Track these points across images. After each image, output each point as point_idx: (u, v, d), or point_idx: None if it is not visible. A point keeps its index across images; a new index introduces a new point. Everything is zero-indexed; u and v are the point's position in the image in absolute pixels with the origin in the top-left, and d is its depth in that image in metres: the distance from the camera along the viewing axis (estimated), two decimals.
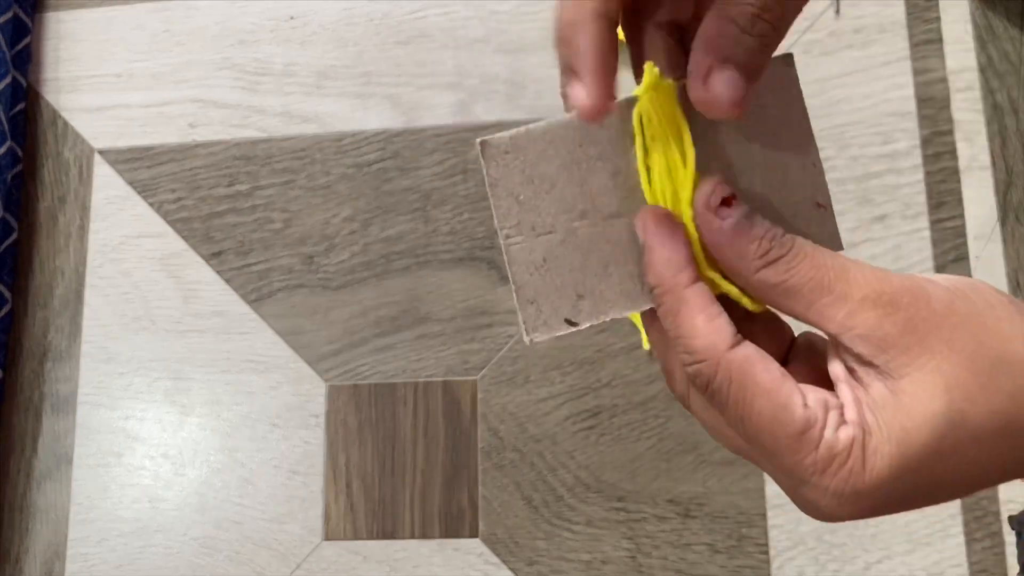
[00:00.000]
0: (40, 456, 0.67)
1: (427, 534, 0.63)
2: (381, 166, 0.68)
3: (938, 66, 0.64)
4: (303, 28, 0.71)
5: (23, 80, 0.73)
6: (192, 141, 0.71)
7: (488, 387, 0.64)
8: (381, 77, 0.70)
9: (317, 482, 0.64)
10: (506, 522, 0.62)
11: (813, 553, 0.59)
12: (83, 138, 0.72)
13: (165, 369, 0.67)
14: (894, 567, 0.58)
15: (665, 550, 0.60)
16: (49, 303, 0.69)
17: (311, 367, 0.66)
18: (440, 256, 0.66)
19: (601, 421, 0.63)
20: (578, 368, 0.63)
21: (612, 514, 0.61)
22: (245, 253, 0.68)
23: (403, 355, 0.65)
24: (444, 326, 0.65)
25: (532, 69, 0.68)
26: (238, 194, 0.69)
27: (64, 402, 0.68)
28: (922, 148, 0.63)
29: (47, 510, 0.66)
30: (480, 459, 0.63)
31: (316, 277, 0.67)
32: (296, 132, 0.70)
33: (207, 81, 0.71)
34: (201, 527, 0.65)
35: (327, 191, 0.68)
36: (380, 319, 0.66)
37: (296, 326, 0.67)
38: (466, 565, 0.62)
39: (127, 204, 0.70)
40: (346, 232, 0.68)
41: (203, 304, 0.68)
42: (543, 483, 0.62)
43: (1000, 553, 0.58)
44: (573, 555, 0.61)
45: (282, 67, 0.71)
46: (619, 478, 0.62)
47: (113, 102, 0.72)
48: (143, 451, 0.66)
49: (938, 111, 0.63)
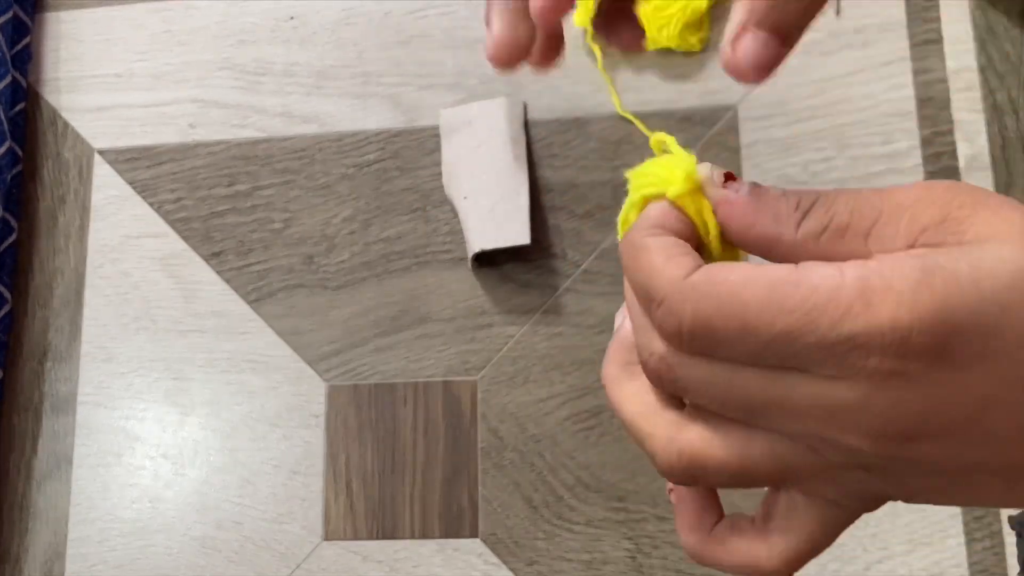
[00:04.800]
0: (40, 456, 0.67)
1: (427, 534, 0.63)
2: (381, 166, 0.68)
3: (938, 66, 0.64)
4: (303, 28, 0.71)
5: (23, 80, 0.73)
6: (192, 141, 0.71)
7: (488, 387, 0.64)
8: (381, 77, 0.70)
9: (317, 482, 0.64)
10: (506, 522, 0.62)
11: None
12: (83, 138, 0.72)
13: (165, 369, 0.67)
14: (894, 567, 0.58)
15: (665, 550, 0.60)
16: (49, 303, 0.69)
17: (311, 367, 0.66)
18: (440, 256, 0.66)
19: (601, 421, 0.63)
20: (578, 368, 0.63)
21: (612, 514, 0.61)
22: (245, 253, 0.68)
23: (403, 355, 0.65)
24: (444, 326, 0.65)
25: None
26: (238, 194, 0.69)
27: (64, 402, 0.68)
28: (922, 148, 0.63)
29: (47, 510, 0.66)
30: (480, 459, 0.63)
31: (316, 277, 0.67)
32: (296, 132, 0.70)
33: (207, 81, 0.71)
34: (201, 527, 0.65)
35: (327, 191, 0.68)
36: (380, 319, 0.66)
37: (296, 326, 0.67)
38: (466, 565, 0.62)
39: (127, 204, 0.70)
40: (346, 232, 0.68)
41: (203, 304, 0.68)
42: (543, 483, 0.62)
43: (1000, 553, 0.58)
44: (573, 555, 0.61)
45: (282, 67, 0.71)
46: (619, 478, 0.62)
47: (113, 102, 0.72)
48: (143, 451, 0.66)
49: (938, 111, 0.63)
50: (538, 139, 0.67)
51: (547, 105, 0.67)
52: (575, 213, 0.66)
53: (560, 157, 0.67)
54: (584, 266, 0.65)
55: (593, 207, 0.65)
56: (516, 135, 0.66)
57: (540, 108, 0.67)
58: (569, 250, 0.65)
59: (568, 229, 0.65)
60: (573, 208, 0.66)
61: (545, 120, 0.67)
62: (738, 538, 0.26)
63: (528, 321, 0.64)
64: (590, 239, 0.65)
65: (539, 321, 0.64)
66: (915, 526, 0.59)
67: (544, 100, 0.67)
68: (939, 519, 0.59)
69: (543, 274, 0.65)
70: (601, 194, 0.66)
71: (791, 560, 0.25)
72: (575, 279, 0.65)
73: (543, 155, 0.67)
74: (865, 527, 0.59)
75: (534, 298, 0.65)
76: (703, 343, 0.22)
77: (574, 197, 0.66)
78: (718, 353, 0.22)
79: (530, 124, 0.67)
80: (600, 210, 0.65)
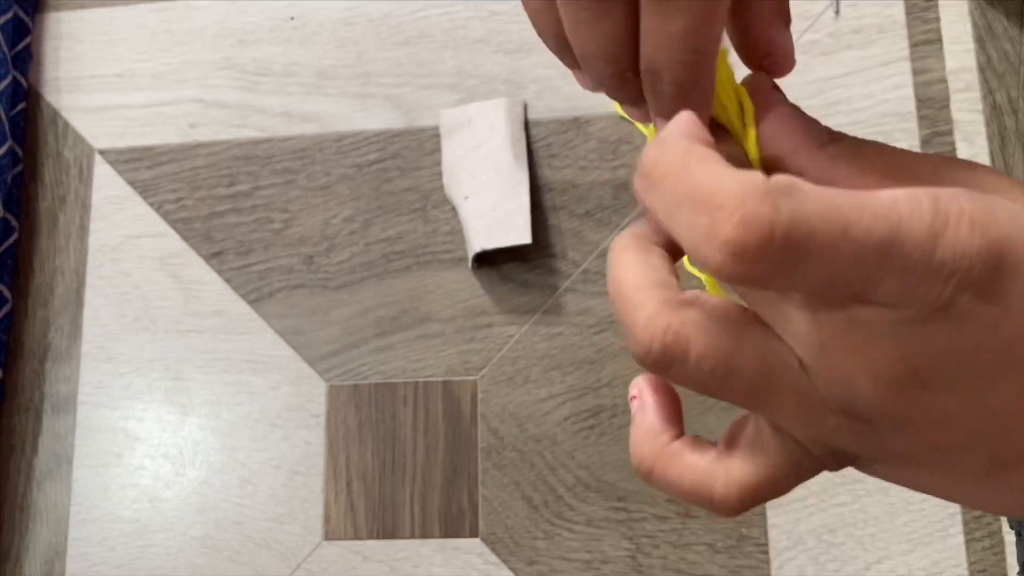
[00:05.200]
0: (40, 456, 0.67)
1: (427, 534, 0.63)
2: (381, 166, 0.68)
3: (938, 66, 0.64)
4: (303, 28, 0.71)
5: (23, 80, 0.73)
6: (192, 141, 0.71)
7: (488, 387, 0.64)
8: (381, 77, 0.70)
9: (317, 482, 0.64)
10: (506, 522, 0.62)
11: (813, 553, 0.59)
12: (83, 138, 0.72)
13: (165, 369, 0.67)
14: (894, 567, 0.58)
15: (665, 550, 0.60)
16: (49, 303, 0.69)
17: (311, 367, 0.66)
18: (440, 256, 0.66)
19: (601, 421, 0.63)
20: (578, 368, 0.63)
21: (612, 514, 0.61)
22: (245, 253, 0.68)
23: (403, 355, 0.65)
24: (444, 326, 0.65)
25: (532, 69, 0.68)
26: (238, 194, 0.69)
27: (64, 402, 0.68)
28: (922, 148, 0.63)
29: (47, 510, 0.66)
30: (480, 459, 0.63)
31: (316, 277, 0.67)
32: (296, 132, 0.70)
33: (207, 81, 0.71)
34: (201, 527, 0.65)
35: (327, 191, 0.68)
36: (380, 319, 0.66)
37: (296, 326, 0.67)
38: (466, 565, 0.62)
39: (127, 204, 0.70)
40: (346, 232, 0.68)
41: (203, 304, 0.68)
42: (543, 483, 0.62)
43: (1000, 553, 0.58)
44: (573, 555, 0.61)
45: (282, 67, 0.71)
46: (619, 478, 0.62)
47: (113, 102, 0.72)
48: (143, 451, 0.66)
49: (938, 111, 0.63)
50: (538, 139, 0.67)
51: (547, 105, 0.67)
52: (575, 213, 0.66)
53: (560, 157, 0.67)
54: (584, 266, 0.65)
55: (593, 207, 0.66)
56: (516, 135, 0.66)
57: (540, 108, 0.67)
58: (569, 250, 0.65)
59: (568, 229, 0.65)
60: (573, 208, 0.66)
61: (545, 120, 0.67)
62: (697, 456, 0.23)
63: (528, 321, 0.65)
64: (590, 239, 0.65)
65: (539, 321, 0.64)
66: (915, 526, 0.59)
67: (544, 100, 0.68)
68: (939, 519, 0.59)
69: (543, 274, 0.65)
70: (601, 194, 0.66)
71: (747, 491, 0.23)
72: (575, 279, 0.65)
73: (543, 155, 0.67)
74: (865, 527, 0.59)
75: (534, 298, 0.65)
76: (792, 254, 0.18)
77: (574, 197, 0.66)
78: (796, 272, 0.19)
79: (530, 124, 0.67)
80: (600, 210, 0.65)
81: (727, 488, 0.23)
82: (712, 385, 0.22)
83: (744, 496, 0.23)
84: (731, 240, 0.18)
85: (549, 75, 0.68)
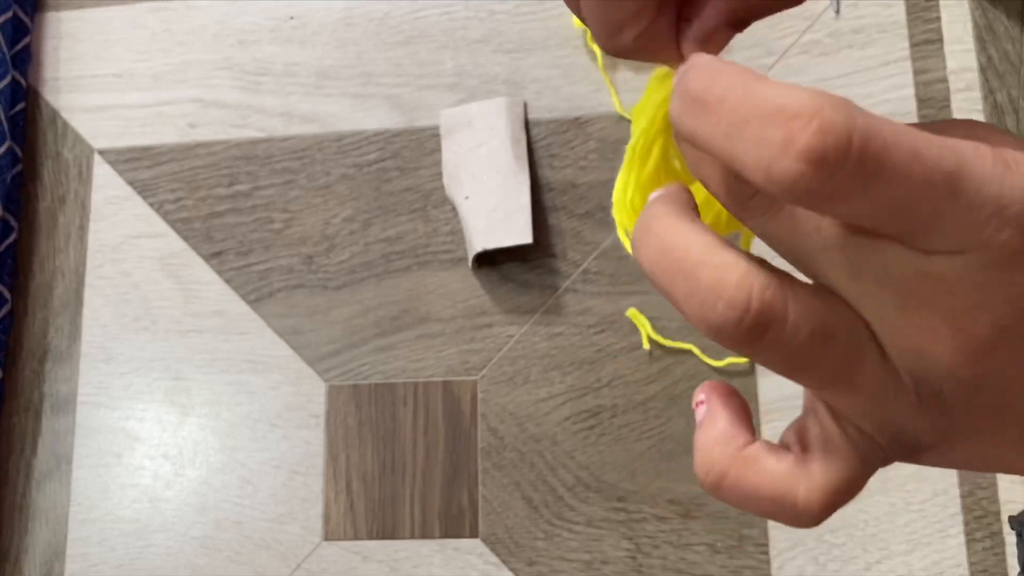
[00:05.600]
0: (40, 456, 0.67)
1: (427, 534, 0.63)
2: (381, 166, 0.68)
3: (938, 66, 0.64)
4: (303, 28, 0.71)
5: (23, 80, 0.73)
6: (192, 141, 0.71)
7: (488, 387, 0.64)
8: (381, 77, 0.70)
9: (317, 482, 0.64)
10: (506, 522, 0.62)
11: (813, 553, 0.59)
12: (83, 138, 0.72)
13: (165, 369, 0.67)
14: (894, 567, 0.58)
15: (665, 550, 0.60)
16: (49, 303, 0.69)
17: (311, 367, 0.66)
18: (440, 256, 0.66)
19: (601, 421, 0.63)
20: (578, 368, 0.63)
21: (612, 514, 0.61)
22: (245, 253, 0.68)
23: (403, 355, 0.65)
24: (444, 326, 0.65)
25: (532, 69, 0.68)
26: (238, 194, 0.69)
27: (64, 402, 0.68)
28: None
29: (47, 510, 0.66)
30: (480, 459, 0.63)
31: (316, 277, 0.67)
32: (296, 132, 0.70)
33: (207, 81, 0.71)
34: (201, 527, 0.65)
35: (327, 191, 0.68)
36: (380, 319, 0.66)
37: (296, 326, 0.67)
38: (466, 565, 0.62)
39: (127, 204, 0.70)
40: (346, 232, 0.68)
41: (203, 304, 0.68)
42: (543, 483, 0.62)
43: (1000, 553, 0.58)
44: (573, 555, 0.61)
45: (282, 67, 0.71)
46: (619, 478, 0.62)
47: (113, 102, 0.72)
48: (143, 451, 0.66)
49: (938, 111, 0.63)
50: (538, 139, 0.67)
51: (547, 105, 0.67)
52: (575, 213, 0.66)
53: (560, 157, 0.67)
54: (584, 266, 0.65)
55: (593, 207, 0.65)
56: (516, 135, 0.66)
57: (540, 108, 0.67)
58: (569, 250, 0.65)
59: (568, 229, 0.65)
60: (573, 208, 0.66)
61: (545, 120, 0.67)
62: (776, 460, 0.22)
63: (528, 321, 0.64)
64: (590, 239, 0.65)
65: (539, 321, 0.64)
66: (915, 526, 0.59)
67: (544, 100, 0.67)
68: (939, 519, 0.59)
69: (543, 274, 0.65)
70: (601, 194, 0.66)
71: (829, 496, 0.21)
72: (575, 279, 0.65)
73: (543, 155, 0.67)
74: (865, 527, 0.59)
75: (534, 298, 0.65)
76: (867, 167, 0.18)
77: (574, 197, 0.66)
78: (868, 191, 0.18)
79: (530, 124, 0.67)
80: (600, 210, 0.65)
81: (809, 493, 0.21)
82: (806, 357, 0.20)
83: (827, 501, 0.21)
84: (810, 146, 0.17)
85: (549, 75, 0.68)
